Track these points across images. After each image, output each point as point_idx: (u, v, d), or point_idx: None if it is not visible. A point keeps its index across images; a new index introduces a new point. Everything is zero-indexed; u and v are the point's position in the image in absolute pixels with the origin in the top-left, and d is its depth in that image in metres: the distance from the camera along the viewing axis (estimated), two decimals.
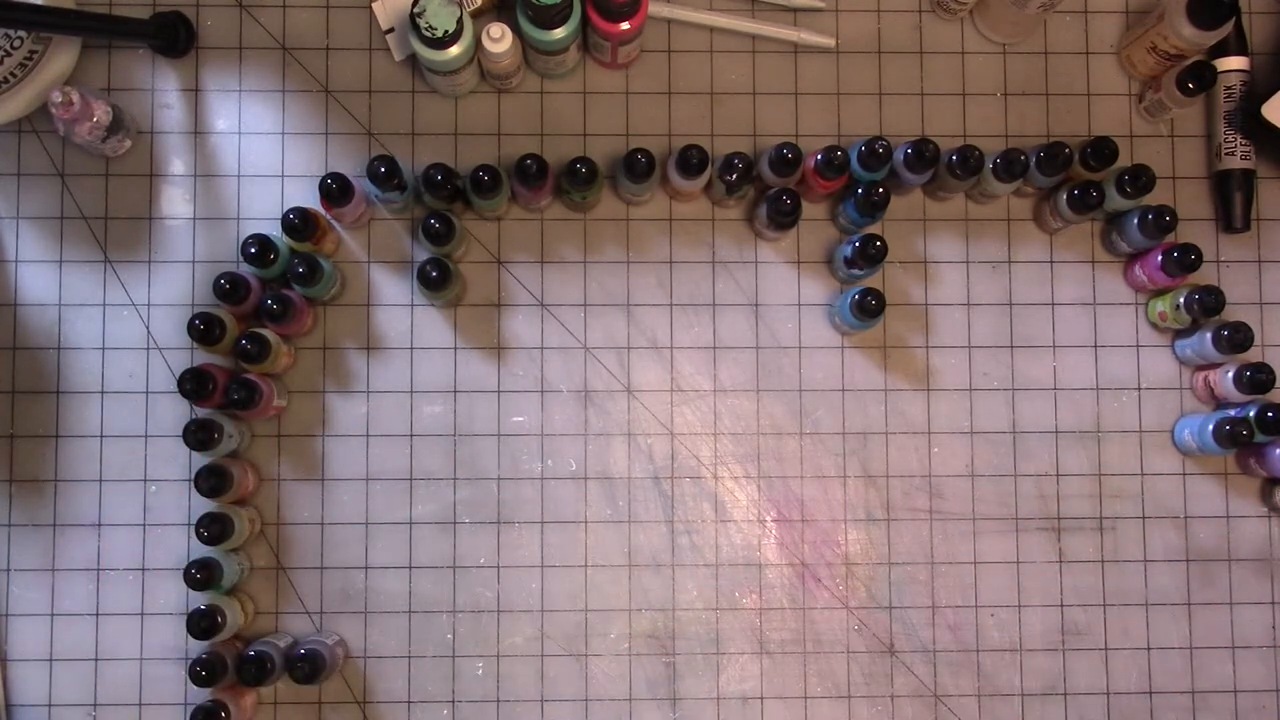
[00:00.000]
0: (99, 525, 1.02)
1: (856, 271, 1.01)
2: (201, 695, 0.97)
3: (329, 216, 1.03)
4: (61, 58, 1.01)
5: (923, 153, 0.98)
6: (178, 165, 1.05)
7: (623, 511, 1.03)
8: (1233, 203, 1.05)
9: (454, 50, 0.97)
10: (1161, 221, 0.99)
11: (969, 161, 0.99)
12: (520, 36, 0.99)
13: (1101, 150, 1.00)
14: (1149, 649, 1.04)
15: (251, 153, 1.05)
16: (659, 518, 1.03)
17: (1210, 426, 1.00)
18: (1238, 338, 0.99)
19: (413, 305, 1.04)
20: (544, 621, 1.02)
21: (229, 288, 0.96)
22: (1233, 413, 1.01)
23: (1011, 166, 0.99)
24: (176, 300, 1.04)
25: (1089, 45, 1.08)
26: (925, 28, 1.07)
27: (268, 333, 0.97)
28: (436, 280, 0.96)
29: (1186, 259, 0.99)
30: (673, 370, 1.05)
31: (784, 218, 0.99)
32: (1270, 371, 0.99)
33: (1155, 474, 1.05)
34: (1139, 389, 1.06)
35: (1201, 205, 1.07)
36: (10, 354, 1.03)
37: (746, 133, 1.06)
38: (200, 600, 0.97)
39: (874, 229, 1.05)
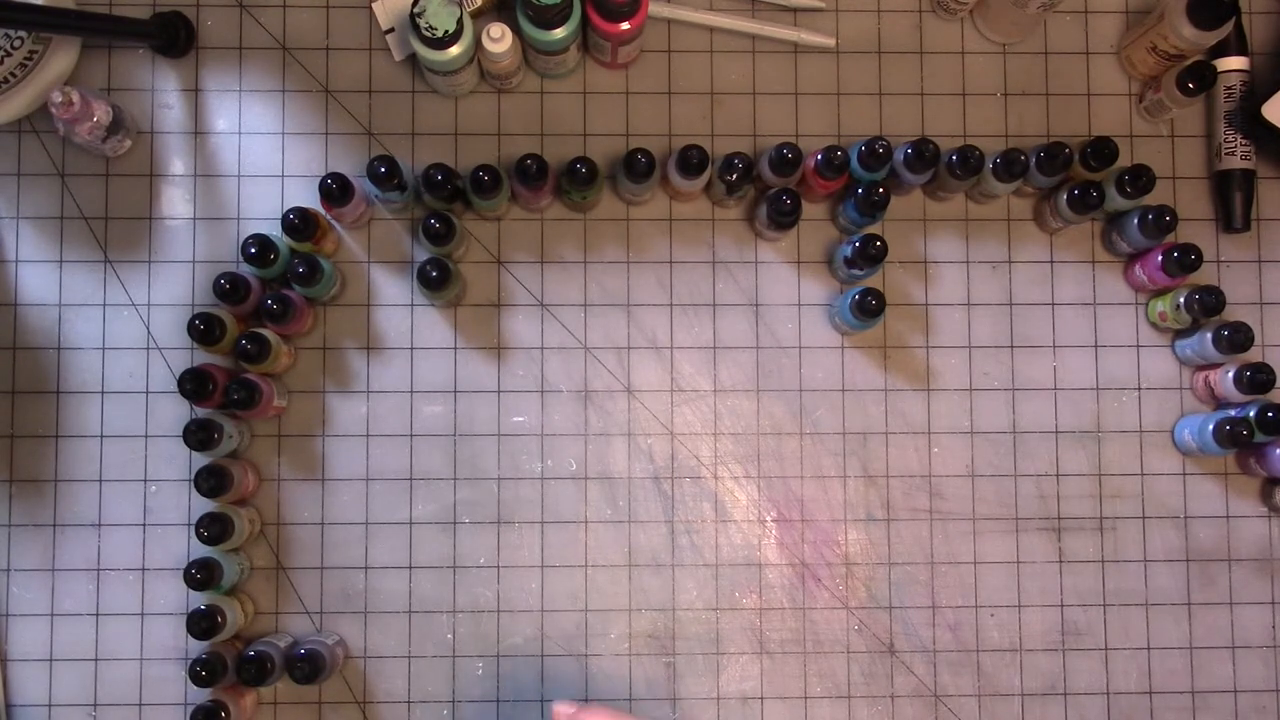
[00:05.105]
0: (99, 525, 1.02)
1: (856, 271, 1.01)
2: (201, 695, 0.97)
3: (329, 216, 1.03)
4: (61, 58, 1.01)
5: (923, 153, 0.98)
6: (178, 165, 1.05)
7: (623, 511, 1.03)
8: (1233, 203, 1.05)
9: (454, 50, 0.97)
10: (1161, 221, 0.99)
11: (969, 161, 0.99)
12: (520, 36, 0.99)
13: (1101, 150, 1.00)
14: (1149, 649, 1.04)
15: (251, 153, 1.05)
16: (659, 518, 1.03)
17: (1210, 426, 1.00)
18: (1238, 338, 0.99)
19: (413, 305, 1.04)
20: (544, 621, 1.02)
21: (229, 288, 0.96)
22: (1233, 413, 1.01)
23: (1011, 166, 0.99)
24: (176, 300, 1.04)
25: (1089, 45, 1.08)
26: (925, 28, 1.07)
27: (268, 333, 0.97)
28: (436, 280, 0.96)
29: (1186, 259, 0.99)
30: (673, 370, 1.05)
31: (784, 218, 0.99)
32: (1270, 371, 0.99)
33: (1155, 474, 1.05)
34: (1139, 389, 1.06)
35: (1201, 205, 1.07)
36: (10, 354, 1.03)
37: (746, 133, 1.06)
38: (200, 600, 0.97)
39: (874, 229, 1.05)
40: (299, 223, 0.97)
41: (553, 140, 1.05)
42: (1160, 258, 1.00)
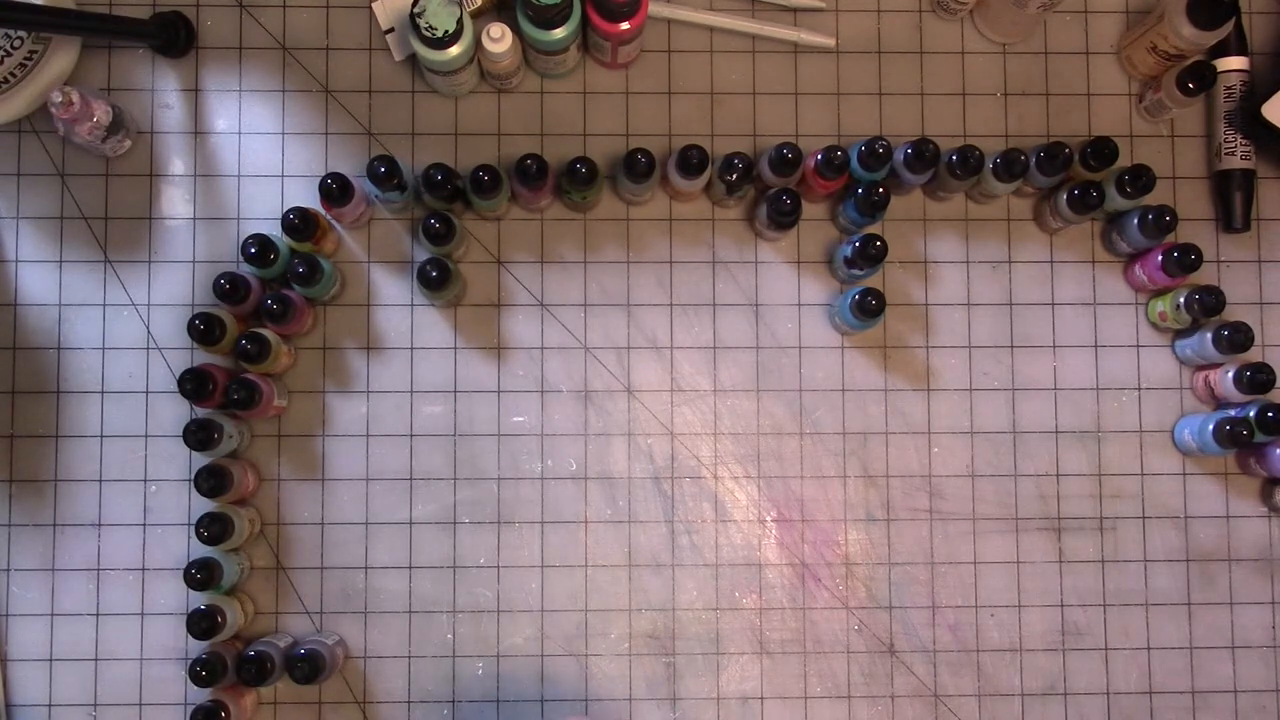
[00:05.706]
0: (99, 525, 1.02)
1: (856, 271, 1.01)
2: (201, 695, 0.97)
3: (329, 216, 1.03)
4: (61, 58, 1.01)
5: (923, 153, 0.98)
6: (178, 165, 1.05)
7: (623, 511, 1.03)
8: (1233, 203, 1.05)
9: (454, 50, 0.97)
10: (1161, 221, 0.99)
11: (969, 161, 0.99)
12: (520, 36, 0.99)
13: (1101, 150, 1.00)
14: (1149, 649, 1.04)
15: (251, 153, 1.05)
16: (659, 518, 1.03)
17: (1210, 426, 1.00)
18: (1238, 338, 0.99)
19: (413, 305, 1.04)
20: (544, 621, 1.02)
21: (229, 288, 0.96)
22: (1233, 413, 1.01)
23: (1011, 166, 0.99)
24: (176, 300, 1.04)
25: (1089, 45, 1.08)
26: (925, 28, 1.07)
27: (268, 333, 0.97)
28: (436, 280, 0.96)
29: (1186, 259, 0.99)
30: (673, 370, 1.05)
31: (784, 218, 0.99)
32: (1270, 371, 0.99)
33: (1155, 474, 1.05)
34: (1139, 389, 1.06)
35: (1201, 205, 1.07)
36: (10, 354, 1.03)
37: (746, 133, 1.06)
38: (200, 600, 0.97)
39: (874, 229, 1.05)
40: (299, 223, 0.97)
41: (553, 140, 1.05)
42: (1160, 258, 1.00)
